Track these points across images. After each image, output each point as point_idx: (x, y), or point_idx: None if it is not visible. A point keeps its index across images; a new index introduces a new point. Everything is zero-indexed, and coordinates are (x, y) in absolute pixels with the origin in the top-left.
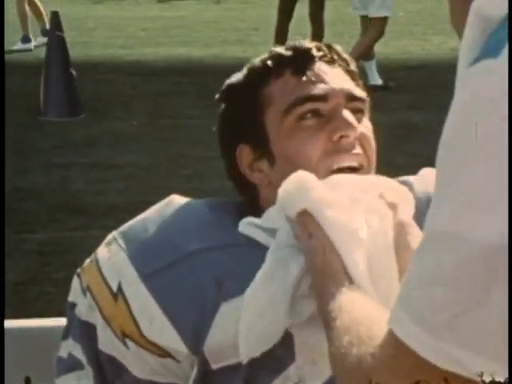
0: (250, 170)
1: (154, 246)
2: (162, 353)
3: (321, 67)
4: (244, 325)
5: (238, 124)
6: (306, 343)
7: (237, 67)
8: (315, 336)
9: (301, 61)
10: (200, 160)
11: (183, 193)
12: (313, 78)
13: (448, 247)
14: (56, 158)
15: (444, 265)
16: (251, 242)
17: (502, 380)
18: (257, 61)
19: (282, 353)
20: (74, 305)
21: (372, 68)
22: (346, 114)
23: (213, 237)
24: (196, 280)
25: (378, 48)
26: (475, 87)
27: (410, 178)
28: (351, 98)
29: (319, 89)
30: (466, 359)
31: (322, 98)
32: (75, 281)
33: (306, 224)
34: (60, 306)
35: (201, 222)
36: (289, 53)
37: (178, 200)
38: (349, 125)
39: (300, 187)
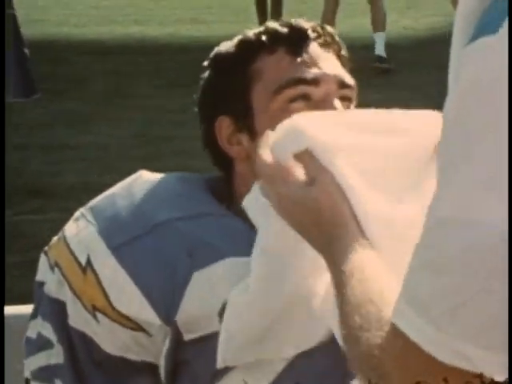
0: (229, 143)
1: (123, 218)
2: (135, 326)
3: (315, 49)
4: (224, 328)
5: (222, 95)
6: None
7: (192, 46)
8: None
9: (296, 40)
10: (157, 140)
11: None
12: (307, 60)
13: (455, 233)
14: (12, 139)
15: (451, 251)
16: (222, 212)
17: (501, 380)
18: (250, 33)
19: None
20: (42, 283)
21: None
22: (337, 103)
23: (183, 207)
24: (167, 250)
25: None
26: (475, 67)
27: None
28: (342, 85)
29: (312, 72)
30: (470, 352)
31: (315, 82)
32: (42, 259)
33: (308, 166)
34: (16, 292)
35: (170, 193)
36: (284, 30)
37: (146, 175)
38: None
39: (299, 128)
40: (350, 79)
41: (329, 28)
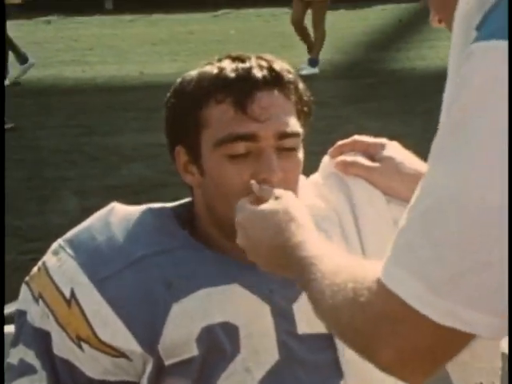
0: (185, 171)
1: (104, 253)
2: (117, 353)
3: (261, 100)
4: None
5: (179, 129)
6: (250, 335)
7: (79, 87)
8: (260, 328)
9: (243, 91)
10: (54, 180)
11: (43, 214)
12: (250, 113)
13: (456, 211)
14: None
15: (452, 227)
16: (193, 244)
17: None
18: (206, 73)
19: (228, 346)
20: (23, 313)
21: None
22: (273, 157)
23: (158, 242)
24: (146, 283)
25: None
26: (491, 67)
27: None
28: (282, 136)
29: (252, 128)
30: (466, 315)
31: (253, 137)
32: (24, 289)
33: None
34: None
35: (145, 228)
36: (233, 76)
37: (119, 208)
38: (272, 170)
39: None
40: (293, 127)
41: (276, 63)
